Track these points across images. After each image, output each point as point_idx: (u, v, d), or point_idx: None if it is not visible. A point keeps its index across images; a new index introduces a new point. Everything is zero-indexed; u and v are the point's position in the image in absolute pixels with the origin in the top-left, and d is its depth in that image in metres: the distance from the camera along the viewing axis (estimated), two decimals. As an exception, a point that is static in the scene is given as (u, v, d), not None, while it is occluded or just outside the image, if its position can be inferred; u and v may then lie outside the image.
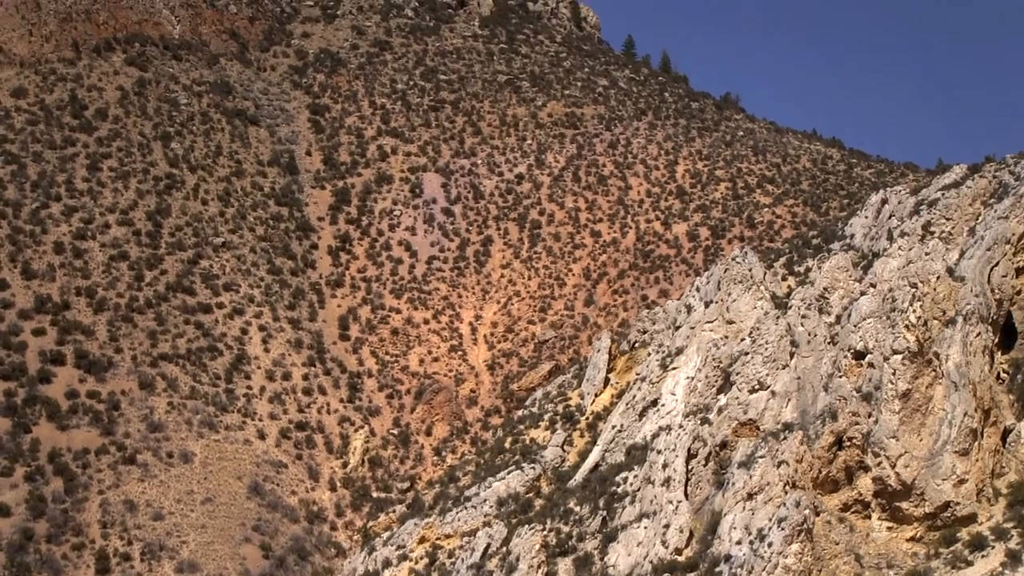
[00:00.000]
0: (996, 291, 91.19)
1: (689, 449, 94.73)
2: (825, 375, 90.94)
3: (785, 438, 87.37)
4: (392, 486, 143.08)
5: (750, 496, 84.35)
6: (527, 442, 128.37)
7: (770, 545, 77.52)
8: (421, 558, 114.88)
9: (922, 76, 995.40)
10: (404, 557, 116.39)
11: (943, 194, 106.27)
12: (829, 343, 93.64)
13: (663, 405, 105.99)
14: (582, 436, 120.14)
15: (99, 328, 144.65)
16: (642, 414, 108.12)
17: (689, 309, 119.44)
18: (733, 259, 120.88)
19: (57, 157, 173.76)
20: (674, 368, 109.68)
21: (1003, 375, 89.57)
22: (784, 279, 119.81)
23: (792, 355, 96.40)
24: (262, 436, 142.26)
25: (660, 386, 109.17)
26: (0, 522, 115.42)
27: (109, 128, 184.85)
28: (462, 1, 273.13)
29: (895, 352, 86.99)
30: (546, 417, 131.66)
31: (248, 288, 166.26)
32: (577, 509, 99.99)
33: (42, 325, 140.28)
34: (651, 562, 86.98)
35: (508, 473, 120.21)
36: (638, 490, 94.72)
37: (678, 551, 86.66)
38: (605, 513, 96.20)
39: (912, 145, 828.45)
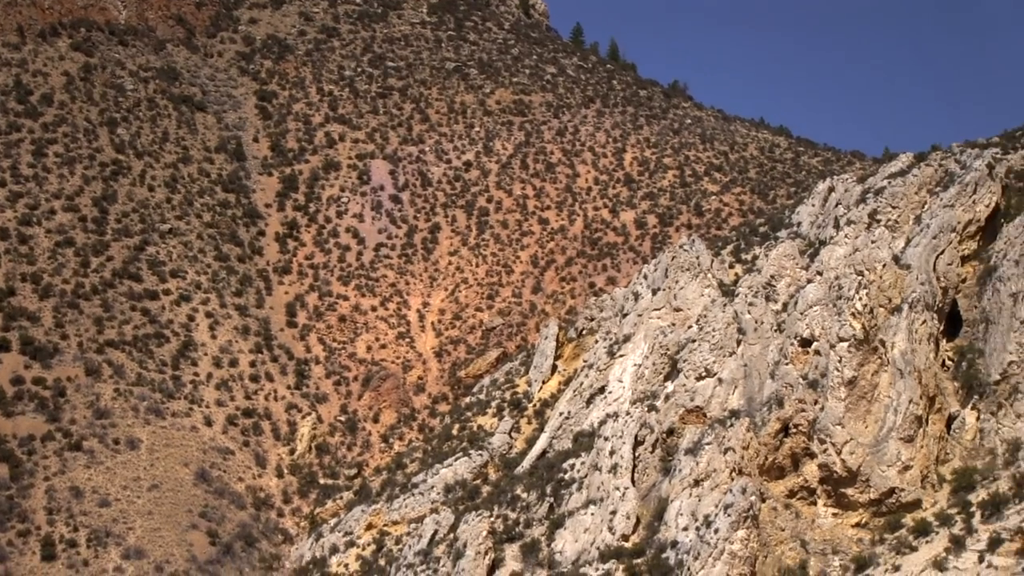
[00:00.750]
0: (942, 279, 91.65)
1: (636, 436, 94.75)
2: (772, 362, 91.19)
3: (732, 425, 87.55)
4: (339, 473, 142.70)
5: (697, 483, 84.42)
6: (474, 429, 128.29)
7: (716, 531, 77.60)
8: (368, 544, 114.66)
9: (869, 64, 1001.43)
10: (351, 544, 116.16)
11: (889, 182, 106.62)
12: (776, 330, 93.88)
13: (610, 392, 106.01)
14: (529, 423, 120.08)
15: (45, 314, 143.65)
16: (589, 401, 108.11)
17: (636, 296, 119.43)
18: (681, 247, 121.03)
19: (1, 143, 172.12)
20: (621, 355, 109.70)
21: (948, 363, 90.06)
22: (731, 267, 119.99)
23: (739, 342, 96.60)
24: (209, 423, 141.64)
25: (607, 373, 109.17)
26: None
27: (55, 114, 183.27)
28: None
29: (841, 340, 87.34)
30: (493, 404, 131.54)
31: (195, 275, 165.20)
32: (524, 496, 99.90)
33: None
34: (598, 548, 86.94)
35: (455, 460, 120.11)
36: (585, 477, 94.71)
37: (625, 537, 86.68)
38: (552, 500, 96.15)
39: (859, 133, 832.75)
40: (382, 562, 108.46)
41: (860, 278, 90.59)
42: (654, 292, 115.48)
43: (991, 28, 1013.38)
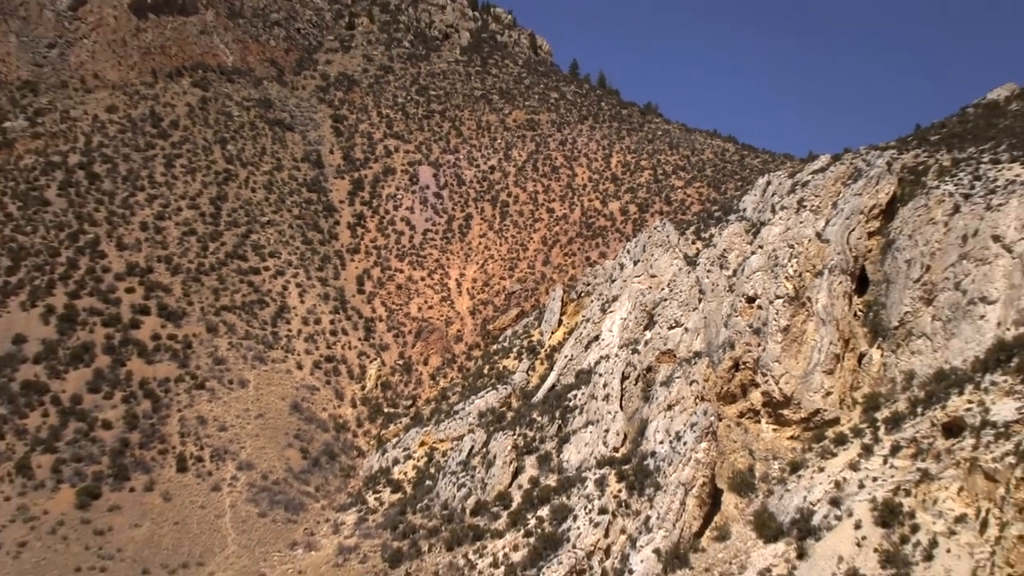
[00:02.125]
0: (853, 250, 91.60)
1: (623, 372, 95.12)
2: (725, 315, 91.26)
3: (695, 363, 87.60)
4: (399, 404, 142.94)
5: (669, 407, 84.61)
6: (500, 369, 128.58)
7: (685, 443, 77.82)
8: (421, 457, 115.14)
9: (792, 83, 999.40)
10: (409, 456, 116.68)
11: (813, 177, 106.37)
12: (728, 291, 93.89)
13: (603, 340, 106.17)
14: (542, 364, 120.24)
15: (175, 287, 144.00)
16: (587, 347, 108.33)
17: (622, 267, 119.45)
18: (655, 228, 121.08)
19: (141, 157, 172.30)
20: (611, 312, 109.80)
21: (859, 313, 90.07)
22: (694, 243, 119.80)
23: (700, 300, 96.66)
24: (300, 367, 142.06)
25: (600, 325, 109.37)
26: (104, 433, 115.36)
27: (180, 135, 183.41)
28: (446, 34, 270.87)
29: (778, 297, 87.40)
30: (515, 350, 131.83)
31: (287, 255, 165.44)
32: (539, 419, 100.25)
33: (132, 285, 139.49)
34: (595, 458, 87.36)
35: (486, 392, 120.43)
36: (585, 404, 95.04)
37: (615, 449, 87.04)
38: (560, 422, 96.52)
39: (789, 138, 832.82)
40: (432, 470, 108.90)
41: (791, 250, 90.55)
42: (635, 263, 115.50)
43: (902, 49, 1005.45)
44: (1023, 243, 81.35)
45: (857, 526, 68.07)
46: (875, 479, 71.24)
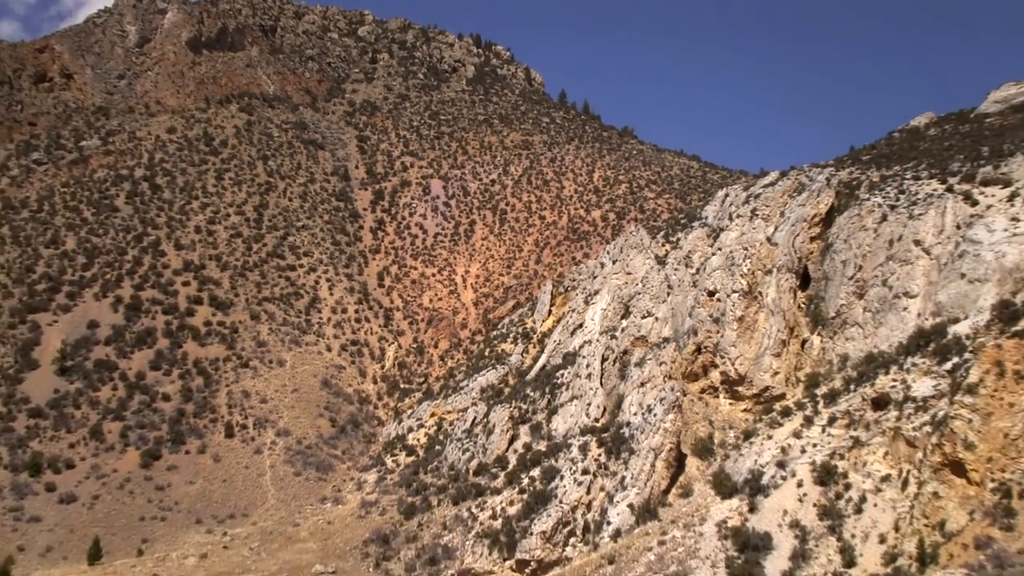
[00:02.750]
0: (797, 252, 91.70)
1: (603, 355, 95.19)
2: (690, 307, 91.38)
3: (664, 347, 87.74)
4: (413, 380, 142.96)
5: (642, 384, 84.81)
6: (499, 352, 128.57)
7: (655, 415, 78.00)
8: (432, 426, 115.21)
9: (747, 105, 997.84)
10: (421, 425, 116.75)
11: (764, 190, 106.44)
12: (692, 286, 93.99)
13: (586, 327, 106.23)
14: (534, 347, 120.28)
15: (224, 281, 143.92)
16: (573, 333, 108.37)
17: (602, 265, 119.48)
18: (630, 233, 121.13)
19: (195, 171, 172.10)
20: (593, 303, 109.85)
21: (802, 305, 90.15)
22: (663, 245, 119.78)
23: (668, 294, 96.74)
24: (329, 349, 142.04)
25: (584, 315, 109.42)
26: (164, 404, 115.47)
27: (228, 152, 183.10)
28: (454, 68, 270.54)
29: (734, 291, 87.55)
30: (511, 336, 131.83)
31: (319, 255, 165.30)
32: (532, 394, 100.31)
33: (187, 279, 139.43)
34: (579, 427, 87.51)
35: (487, 371, 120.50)
36: (570, 381, 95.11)
37: (596, 420, 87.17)
38: (549, 396, 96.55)
39: (744, 155, 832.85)
40: (441, 437, 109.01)
41: (745, 252, 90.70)
42: (613, 262, 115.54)
43: (846, 72, 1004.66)
44: (939, 247, 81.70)
45: (799, 485, 68.42)
46: (815, 445, 71.56)
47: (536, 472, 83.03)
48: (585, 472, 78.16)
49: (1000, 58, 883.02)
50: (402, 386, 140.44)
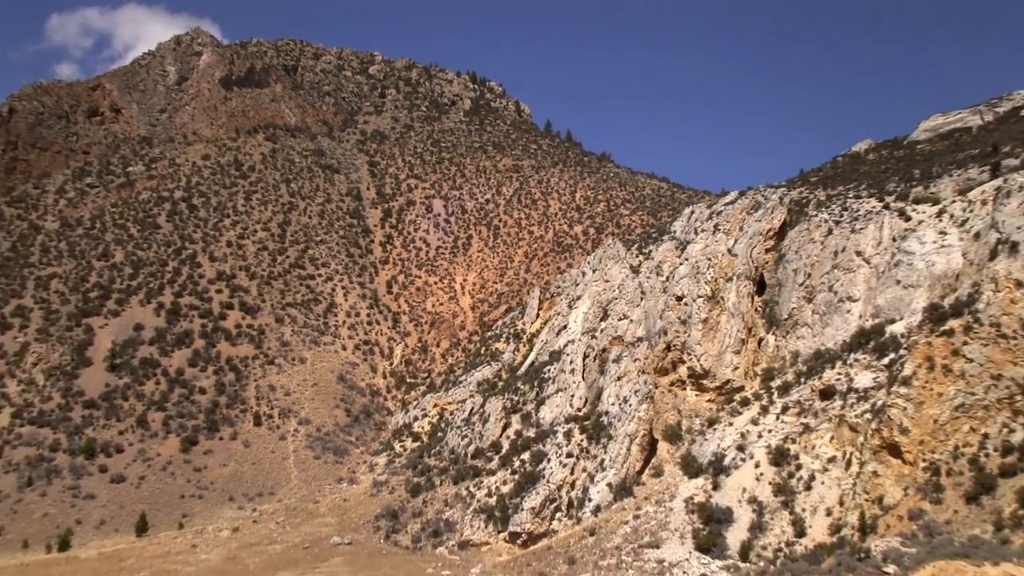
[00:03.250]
0: (754, 261, 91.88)
1: (584, 352, 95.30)
2: (660, 310, 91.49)
3: (638, 346, 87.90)
4: (417, 375, 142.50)
5: (619, 378, 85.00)
6: (493, 350, 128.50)
7: (630, 405, 78.15)
8: (434, 415, 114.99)
9: (712, 133, 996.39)
10: (425, 415, 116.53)
11: (724, 207, 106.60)
12: (662, 292, 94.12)
13: (569, 328, 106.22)
14: (524, 346, 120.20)
15: (252, 288, 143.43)
16: (558, 333, 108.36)
17: (584, 274, 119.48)
18: (608, 245, 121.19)
19: (227, 193, 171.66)
20: (575, 307, 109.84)
21: (759, 308, 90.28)
22: (637, 256, 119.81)
23: (642, 299, 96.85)
24: (344, 348, 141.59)
25: (568, 318, 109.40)
26: (200, 397, 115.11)
27: (255, 176, 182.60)
28: (453, 101, 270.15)
29: (699, 296, 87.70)
30: (504, 336, 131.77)
31: (335, 265, 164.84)
32: (522, 387, 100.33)
33: (220, 287, 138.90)
34: (564, 416, 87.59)
35: (483, 367, 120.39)
36: (556, 376, 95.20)
37: (579, 410, 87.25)
38: (538, 389, 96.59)
39: (709, 176, 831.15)
40: (442, 425, 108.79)
41: (709, 262, 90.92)
42: (593, 271, 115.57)
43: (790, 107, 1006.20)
44: (878, 257, 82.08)
45: (756, 465, 68.67)
46: (770, 431, 71.80)
47: (526, 456, 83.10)
48: (569, 455, 78.28)
49: (931, 89, 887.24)
50: (408, 380, 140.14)
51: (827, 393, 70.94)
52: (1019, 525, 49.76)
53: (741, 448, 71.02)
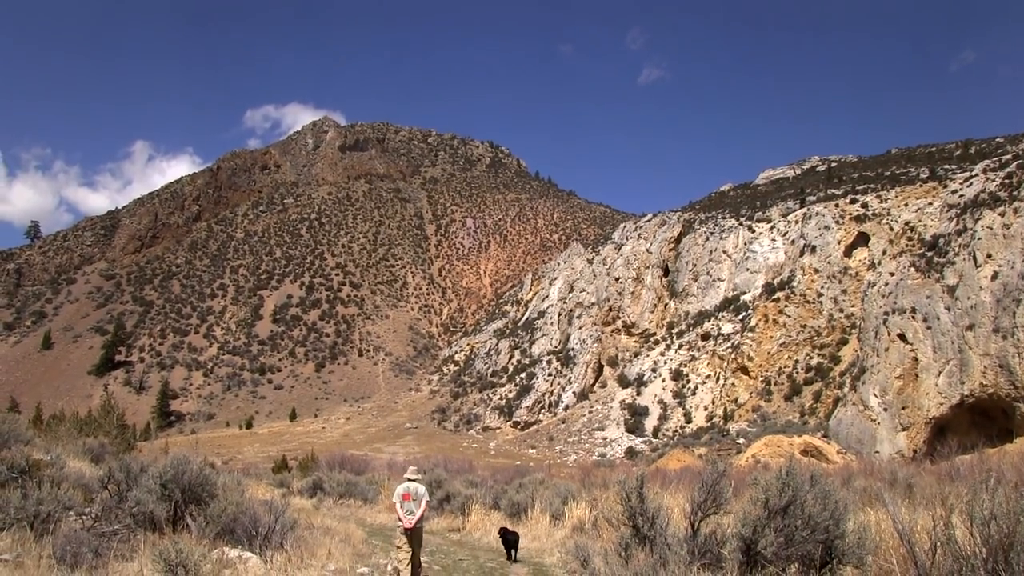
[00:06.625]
0: (663, 257, 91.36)
1: (559, 312, 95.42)
2: (605, 286, 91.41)
3: (591, 308, 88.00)
4: (457, 326, 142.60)
5: (580, 328, 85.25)
6: (503, 310, 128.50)
7: (587, 344, 78.43)
8: (468, 350, 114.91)
9: (638, 169, 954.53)
10: (462, 350, 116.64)
11: (644, 223, 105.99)
12: (607, 275, 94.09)
13: (550, 297, 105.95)
14: (522, 308, 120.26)
15: (357, 273, 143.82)
16: (543, 300, 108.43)
17: (559, 264, 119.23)
18: (574, 246, 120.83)
19: (341, 215, 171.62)
20: (553, 284, 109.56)
21: (665, 285, 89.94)
22: (591, 253, 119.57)
23: (594, 279, 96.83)
24: (412, 309, 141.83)
25: (548, 291, 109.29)
26: (326, 339, 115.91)
27: (359, 205, 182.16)
28: (479, 159, 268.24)
29: (629, 278, 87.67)
30: (510, 302, 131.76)
31: (407, 259, 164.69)
32: (521, 333, 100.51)
33: (338, 272, 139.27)
34: (547, 351, 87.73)
35: (497, 321, 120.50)
36: (542, 326, 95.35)
37: (556, 347, 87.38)
38: (531, 334, 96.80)
39: (635, 201, 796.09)
40: (472, 357, 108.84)
41: (635, 257, 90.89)
42: (565, 262, 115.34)
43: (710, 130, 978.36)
44: (736, 253, 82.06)
45: (663, 380, 69.23)
46: (671, 360, 72.25)
47: (523, 375, 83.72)
48: (550, 375, 78.91)
49: (766, 148, 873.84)
50: (451, 329, 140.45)
51: (705, 336, 71.41)
52: (813, 413, 50.49)
53: (654, 370, 71.55)
